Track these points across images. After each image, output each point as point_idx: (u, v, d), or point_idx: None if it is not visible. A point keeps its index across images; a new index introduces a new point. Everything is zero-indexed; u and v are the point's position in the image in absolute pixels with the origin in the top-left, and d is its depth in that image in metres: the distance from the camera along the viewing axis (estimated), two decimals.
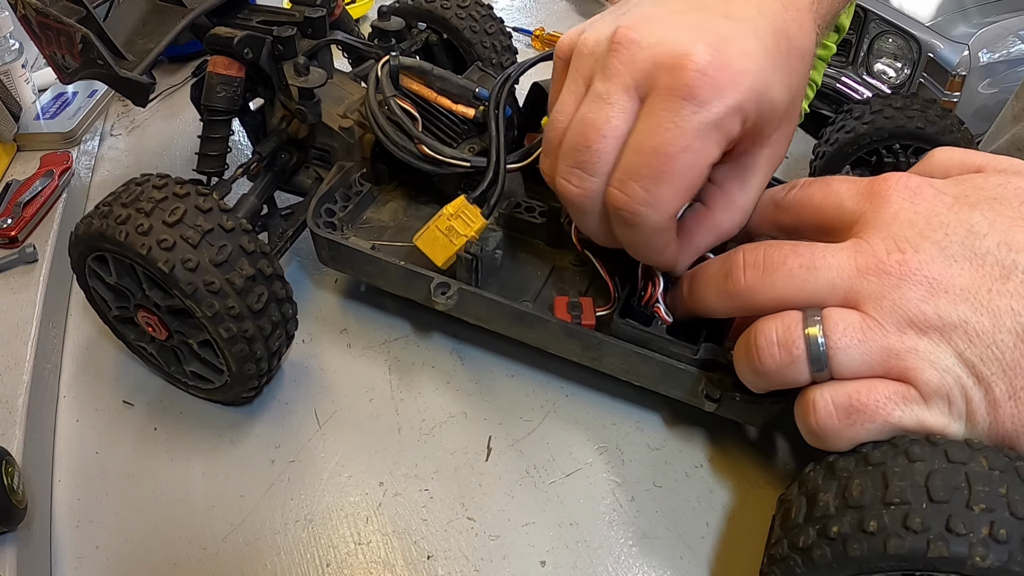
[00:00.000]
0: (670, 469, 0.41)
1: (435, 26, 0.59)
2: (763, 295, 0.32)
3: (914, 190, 0.31)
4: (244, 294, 0.38)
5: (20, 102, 0.68)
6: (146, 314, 0.41)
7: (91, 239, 0.39)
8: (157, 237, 0.37)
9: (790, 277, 0.31)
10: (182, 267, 0.36)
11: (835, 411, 0.30)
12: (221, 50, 0.46)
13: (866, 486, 0.27)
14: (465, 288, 0.41)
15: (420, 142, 0.42)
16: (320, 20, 0.49)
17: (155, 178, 0.40)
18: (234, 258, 0.38)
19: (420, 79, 0.45)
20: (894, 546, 0.26)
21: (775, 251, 0.32)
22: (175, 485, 0.42)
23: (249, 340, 0.39)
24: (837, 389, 0.30)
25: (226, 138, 0.49)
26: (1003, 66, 1.60)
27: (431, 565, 0.38)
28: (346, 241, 0.44)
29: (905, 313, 0.29)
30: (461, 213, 0.41)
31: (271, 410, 0.45)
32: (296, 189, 0.53)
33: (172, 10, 0.47)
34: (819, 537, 0.28)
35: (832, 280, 0.30)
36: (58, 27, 0.43)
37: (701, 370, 0.38)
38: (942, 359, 0.29)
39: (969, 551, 0.25)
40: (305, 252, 0.55)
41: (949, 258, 0.29)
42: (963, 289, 0.29)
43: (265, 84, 0.50)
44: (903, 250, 0.29)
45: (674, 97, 0.30)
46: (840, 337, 0.30)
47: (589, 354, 0.41)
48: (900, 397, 0.29)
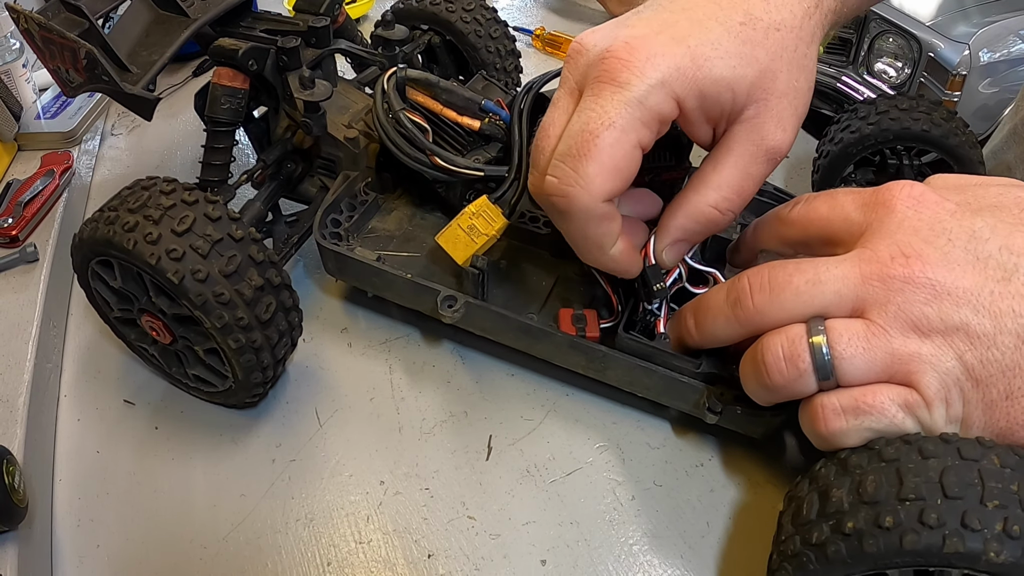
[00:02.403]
0: (671, 468, 0.41)
1: (439, 28, 0.59)
2: (773, 316, 0.32)
3: (917, 198, 0.31)
4: (253, 304, 0.38)
5: (21, 102, 0.68)
6: (150, 318, 0.41)
7: (96, 244, 0.39)
8: (167, 247, 0.36)
9: (797, 295, 0.31)
10: (192, 278, 0.36)
11: (843, 413, 0.30)
12: (225, 62, 0.46)
13: (880, 482, 0.28)
14: (472, 302, 0.42)
15: (433, 154, 0.43)
16: (324, 29, 0.49)
17: (162, 183, 0.39)
18: (243, 268, 0.38)
19: (426, 91, 0.45)
20: (910, 541, 0.26)
21: (779, 271, 0.32)
22: (176, 484, 0.42)
23: (257, 350, 0.39)
24: (843, 394, 0.31)
25: (230, 148, 0.49)
26: (1003, 65, 1.60)
27: (432, 564, 0.38)
28: (352, 253, 0.44)
29: (909, 317, 0.29)
30: (483, 212, 0.41)
31: (272, 409, 0.45)
32: (301, 197, 0.53)
33: (175, 20, 0.47)
34: (833, 533, 0.28)
35: (838, 291, 0.31)
36: (62, 42, 0.43)
37: (704, 383, 0.38)
38: (944, 362, 0.29)
39: (984, 546, 0.25)
40: (307, 252, 0.55)
41: (952, 263, 0.29)
42: (966, 292, 0.29)
43: (269, 94, 0.50)
44: (907, 255, 0.30)
45: (598, 84, 0.32)
46: (845, 347, 0.30)
47: (594, 366, 0.41)
48: (903, 401, 0.30)
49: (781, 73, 0.33)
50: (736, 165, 0.34)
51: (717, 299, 0.35)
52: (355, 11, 0.87)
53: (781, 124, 0.34)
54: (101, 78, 0.43)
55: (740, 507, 0.40)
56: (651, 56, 0.31)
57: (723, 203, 0.35)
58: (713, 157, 0.35)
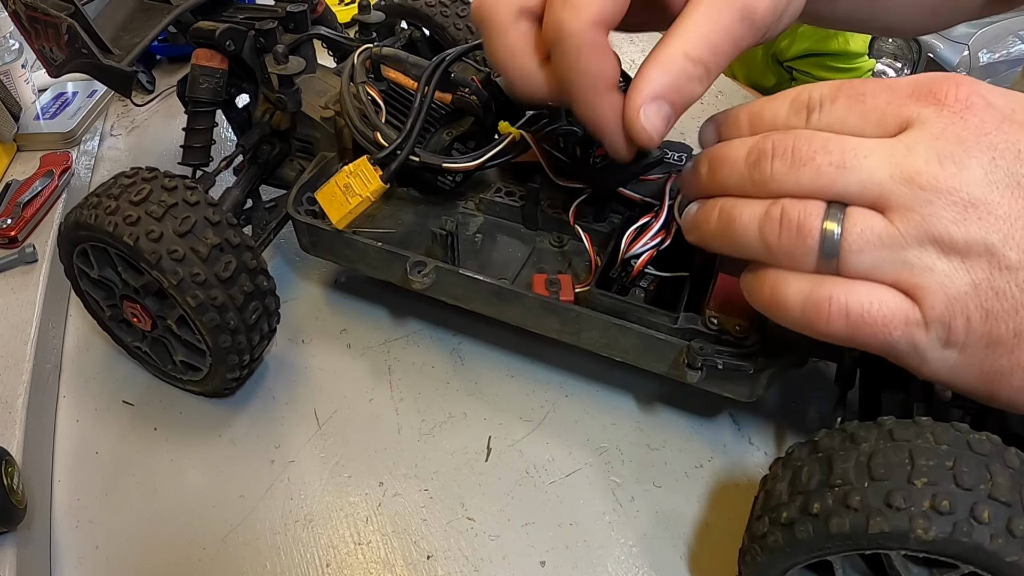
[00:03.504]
0: (670, 469, 0.41)
1: (418, 23, 0.60)
2: (788, 188, 0.31)
3: (964, 100, 0.29)
4: (211, 263, 0.39)
5: (20, 102, 0.68)
6: (130, 304, 0.42)
7: (69, 230, 0.41)
8: (123, 215, 0.38)
9: (818, 174, 0.30)
10: (146, 239, 0.38)
11: (847, 317, 0.29)
12: (204, 42, 0.47)
13: (814, 471, 0.29)
14: (441, 266, 0.41)
15: (376, 129, 0.43)
16: (302, 15, 0.50)
17: (128, 171, 0.42)
18: (199, 228, 0.39)
19: (397, 67, 0.46)
20: (836, 525, 0.27)
21: (804, 144, 0.30)
22: (175, 485, 0.42)
23: (219, 308, 0.39)
24: (853, 294, 0.29)
25: (210, 130, 0.50)
26: (1003, 66, 1.60)
27: (431, 565, 0.38)
28: (325, 226, 0.44)
29: (931, 230, 0.28)
30: (360, 172, 0.41)
31: (271, 410, 0.45)
32: (280, 182, 0.54)
33: (158, 7, 0.48)
34: (772, 525, 0.29)
35: (862, 182, 0.29)
36: (45, 19, 0.45)
37: (682, 340, 0.37)
38: (956, 285, 0.28)
39: (910, 524, 0.25)
40: (305, 253, 0.55)
41: (991, 184, 0.28)
42: (998, 219, 0.27)
43: (249, 78, 0.50)
44: (944, 166, 0.28)
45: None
46: (856, 239, 0.29)
47: (568, 329, 0.40)
48: (904, 317, 0.29)
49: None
50: (707, 14, 0.32)
51: (737, 153, 0.33)
52: (348, 13, 0.87)
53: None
54: (81, 52, 0.44)
55: (740, 508, 0.40)
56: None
57: (694, 52, 0.32)
58: (685, 10, 0.32)
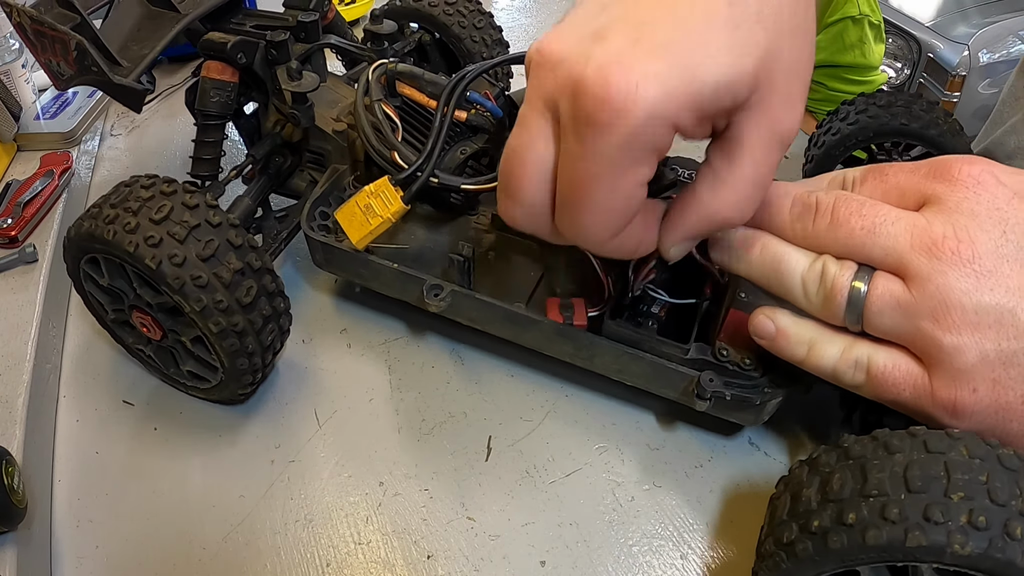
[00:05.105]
0: (670, 469, 0.41)
1: (425, 25, 0.60)
2: (826, 244, 0.33)
3: (976, 178, 0.31)
4: (233, 288, 0.38)
5: (20, 102, 0.68)
6: (140, 315, 0.41)
7: (81, 240, 0.40)
8: (144, 234, 0.37)
9: (851, 236, 0.32)
10: (169, 263, 0.37)
11: (868, 373, 0.32)
12: (215, 55, 0.46)
13: (846, 479, 0.28)
14: (458, 290, 0.41)
15: (393, 148, 0.43)
16: (313, 24, 0.50)
17: (143, 178, 0.40)
18: (221, 252, 0.38)
19: (412, 83, 0.46)
20: (872, 537, 0.26)
21: (842, 206, 0.33)
22: (175, 485, 0.42)
23: (240, 334, 0.39)
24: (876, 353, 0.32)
25: (219, 142, 0.49)
26: (1003, 66, 1.60)
27: (431, 565, 0.38)
28: (340, 244, 0.44)
29: (944, 301, 0.29)
30: (381, 193, 0.41)
31: (271, 410, 0.45)
32: (291, 192, 0.53)
33: (166, 16, 0.48)
34: (801, 532, 0.29)
35: (888, 247, 0.31)
36: (53, 34, 0.43)
37: (692, 369, 0.38)
38: (965, 359, 0.29)
39: (948, 539, 0.25)
40: (305, 253, 0.55)
41: (1003, 257, 0.29)
42: (1008, 290, 0.29)
43: (259, 88, 0.50)
44: (960, 239, 0.30)
45: (576, 125, 0.28)
46: (877, 300, 0.31)
47: (581, 354, 0.41)
48: (913, 382, 0.31)
49: (784, 49, 0.29)
50: (752, 157, 0.30)
51: (781, 201, 0.35)
52: (354, 12, 0.87)
53: (790, 103, 0.30)
54: (91, 69, 0.43)
55: (740, 509, 0.40)
56: (631, 86, 0.27)
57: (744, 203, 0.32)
58: (725, 150, 0.31)
